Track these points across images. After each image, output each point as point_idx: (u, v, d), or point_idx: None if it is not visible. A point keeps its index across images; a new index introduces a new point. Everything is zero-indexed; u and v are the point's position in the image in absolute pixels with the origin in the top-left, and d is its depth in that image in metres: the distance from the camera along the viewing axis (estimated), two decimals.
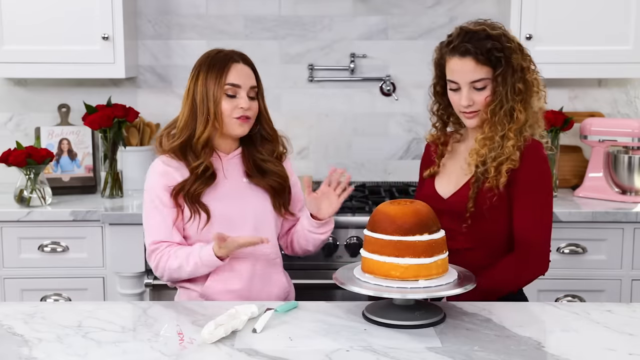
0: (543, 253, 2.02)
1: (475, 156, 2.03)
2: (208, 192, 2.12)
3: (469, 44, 1.99)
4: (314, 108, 3.39)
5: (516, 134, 1.99)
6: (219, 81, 2.11)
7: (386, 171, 3.44)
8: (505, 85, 1.98)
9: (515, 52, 2.00)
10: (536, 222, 2.01)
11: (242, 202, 2.16)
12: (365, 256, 1.81)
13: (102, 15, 3.02)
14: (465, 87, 2.02)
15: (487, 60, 1.98)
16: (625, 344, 1.67)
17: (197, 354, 1.61)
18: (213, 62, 2.14)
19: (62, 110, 3.29)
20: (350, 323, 1.79)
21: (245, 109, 2.11)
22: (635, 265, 2.86)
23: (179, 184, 2.11)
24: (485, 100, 2.01)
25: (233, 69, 2.12)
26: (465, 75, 2.01)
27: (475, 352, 1.62)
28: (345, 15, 3.35)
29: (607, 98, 3.39)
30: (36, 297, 2.86)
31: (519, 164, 1.99)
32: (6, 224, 2.85)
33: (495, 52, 1.98)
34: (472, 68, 1.99)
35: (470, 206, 2.01)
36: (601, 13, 3.02)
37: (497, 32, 2.00)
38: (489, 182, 1.99)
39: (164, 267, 2.10)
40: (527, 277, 2.04)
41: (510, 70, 1.99)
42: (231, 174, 2.18)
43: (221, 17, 3.34)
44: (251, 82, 2.15)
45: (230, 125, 2.13)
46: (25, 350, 1.63)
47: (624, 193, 3.04)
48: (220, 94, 2.10)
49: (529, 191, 2.00)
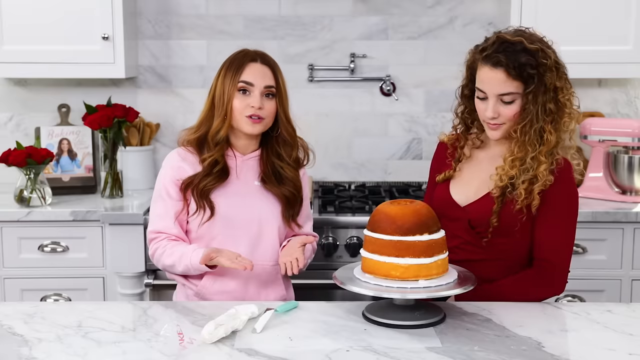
0: (563, 274, 1.97)
1: (505, 178, 1.94)
2: (218, 189, 2.12)
3: (502, 54, 1.89)
4: (314, 108, 3.39)
5: (547, 157, 1.92)
6: (233, 78, 2.12)
7: (386, 171, 3.44)
8: (536, 104, 1.90)
9: (551, 70, 1.90)
10: (561, 244, 1.96)
11: (249, 205, 2.14)
12: (365, 256, 1.81)
13: (102, 15, 3.02)
14: (492, 99, 1.94)
15: (519, 76, 1.89)
16: (625, 344, 1.67)
17: (197, 354, 1.61)
18: (233, 60, 2.16)
19: (62, 110, 3.29)
20: (350, 323, 1.79)
21: (257, 107, 2.10)
22: (635, 265, 2.86)
23: (189, 177, 2.12)
24: (513, 115, 1.94)
25: (248, 67, 2.13)
26: (494, 87, 1.92)
27: (475, 352, 1.62)
28: (345, 15, 3.35)
29: (607, 98, 3.39)
30: (36, 297, 2.86)
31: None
32: (6, 224, 2.85)
33: (529, 68, 1.88)
34: (503, 81, 1.90)
35: (494, 221, 1.95)
36: (601, 13, 3.02)
37: (534, 47, 1.89)
38: (519, 204, 1.92)
39: (159, 259, 2.13)
40: (543, 295, 1.98)
41: (543, 89, 1.89)
42: (244, 175, 2.17)
43: (221, 17, 3.34)
44: (266, 82, 2.13)
45: (241, 123, 2.12)
46: (25, 350, 1.63)
47: (624, 193, 3.04)
48: (233, 91, 2.11)
49: (557, 212, 1.95)
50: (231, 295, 2.12)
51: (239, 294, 2.13)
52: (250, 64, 2.14)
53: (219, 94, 2.13)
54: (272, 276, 2.17)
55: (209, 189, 2.11)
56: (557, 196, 1.94)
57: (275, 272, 2.17)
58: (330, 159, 3.41)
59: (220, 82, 2.14)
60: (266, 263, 2.15)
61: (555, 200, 1.94)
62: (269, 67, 2.17)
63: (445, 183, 2.11)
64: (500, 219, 1.95)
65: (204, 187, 2.10)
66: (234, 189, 2.15)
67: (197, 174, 2.12)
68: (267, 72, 2.15)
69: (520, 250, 2.00)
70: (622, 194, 3.04)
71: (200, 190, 2.10)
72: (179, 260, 2.08)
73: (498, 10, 3.27)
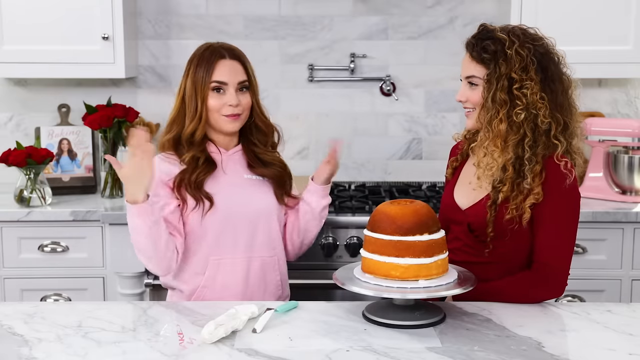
0: (563, 278, 1.96)
1: (488, 178, 1.95)
2: (210, 184, 2.11)
3: (473, 39, 1.98)
4: (314, 108, 3.39)
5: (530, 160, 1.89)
6: (205, 79, 2.10)
7: (386, 171, 3.44)
8: (490, 91, 1.92)
9: (510, 61, 1.90)
10: (561, 247, 1.94)
11: (244, 196, 2.15)
12: (365, 256, 1.81)
13: (102, 15, 3.02)
14: (463, 82, 2.01)
15: (480, 59, 1.95)
16: (625, 344, 1.67)
17: (197, 354, 1.61)
18: (201, 58, 2.13)
19: (62, 110, 3.29)
20: (350, 323, 1.79)
21: (234, 105, 2.10)
22: (635, 265, 2.86)
23: (178, 175, 2.10)
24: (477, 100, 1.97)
25: (219, 65, 2.11)
26: (463, 70, 2.01)
27: (475, 352, 1.62)
28: (345, 15, 3.35)
29: (607, 98, 3.40)
30: (36, 297, 2.86)
31: (548, 184, 1.90)
32: (6, 224, 2.85)
33: (487, 53, 1.93)
34: (468, 62, 1.99)
35: (489, 231, 1.94)
36: (601, 13, 3.02)
37: (502, 36, 1.92)
38: (509, 214, 1.91)
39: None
40: (542, 297, 1.97)
41: (496, 76, 1.92)
42: (232, 169, 2.17)
43: (221, 17, 3.34)
44: (239, 77, 2.12)
45: (219, 122, 2.12)
46: (25, 350, 1.63)
47: (624, 193, 3.04)
48: (207, 91, 2.10)
49: (557, 216, 1.93)
50: (232, 292, 2.12)
51: (240, 289, 2.12)
52: (220, 61, 2.11)
53: (190, 93, 2.11)
54: (270, 266, 2.18)
55: (202, 179, 2.10)
56: (557, 198, 1.92)
57: (272, 264, 2.19)
58: None
59: (190, 82, 2.11)
60: (264, 255, 2.16)
61: (555, 203, 1.92)
62: (239, 60, 2.15)
63: (450, 186, 2.12)
64: (495, 228, 1.94)
65: (196, 179, 2.09)
66: (226, 183, 2.14)
67: (185, 170, 2.10)
68: (238, 67, 2.14)
69: (521, 253, 1.99)
70: (622, 194, 3.04)
71: (193, 183, 2.08)
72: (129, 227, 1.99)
73: (498, 10, 3.27)
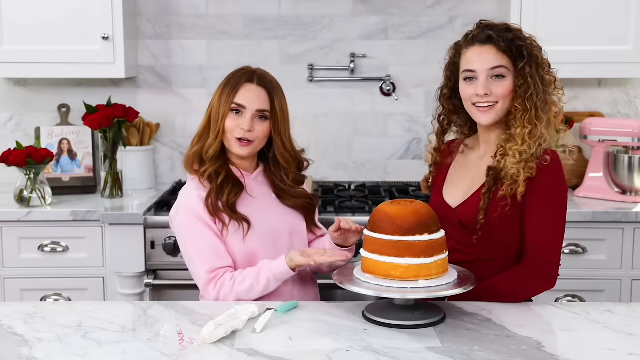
0: (554, 267, 1.96)
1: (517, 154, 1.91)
2: (241, 207, 2.09)
3: (491, 32, 1.96)
4: (314, 108, 3.39)
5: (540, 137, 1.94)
6: (228, 98, 2.10)
7: (386, 171, 3.44)
8: (534, 76, 1.93)
9: (536, 48, 1.96)
10: (550, 238, 1.95)
11: (277, 216, 2.14)
12: (365, 256, 1.81)
13: (102, 15, 3.02)
14: (483, 75, 1.95)
15: (509, 49, 1.94)
16: (625, 344, 1.67)
17: (197, 354, 1.61)
18: (231, 78, 2.13)
19: (62, 110, 3.29)
20: (350, 323, 1.79)
21: (246, 130, 2.08)
22: (635, 265, 2.86)
23: (206, 200, 2.05)
24: (505, 92, 1.95)
25: (243, 88, 2.10)
26: (485, 62, 1.95)
27: (475, 352, 1.62)
28: (345, 15, 3.35)
29: (607, 98, 3.40)
30: (36, 297, 2.86)
31: (536, 173, 1.92)
32: (6, 224, 2.85)
33: (518, 41, 1.94)
34: (494, 54, 1.94)
35: (480, 218, 1.95)
36: (601, 13, 3.02)
37: (517, 27, 1.99)
38: (503, 190, 1.92)
39: (228, 293, 2.01)
40: (536, 289, 1.98)
41: (535, 61, 1.94)
42: (258, 192, 2.16)
43: (221, 17, 3.34)
44: (259, 105, 2.09)
45: (230, 143, 2.11)
46: (25, 350, 1.63)
47: (624, 193, 3.04)
48: (227, 110, 2.09)
49: (545, 206, 1.94)
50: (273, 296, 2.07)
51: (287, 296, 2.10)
52: (246, 84, 2.10)
53: (215, 111, 2.11)
54: (308, 276, 2.19)
55: (233, 201, 2.07)
56: (544, 189, 1.93)
57: (307, 273, 2.19)
58: (330, 159, 3.41)
59: (217, 99, 2.12)
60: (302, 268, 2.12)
61: (542, 194, 1.93)
62: (266, 89, 2.12)
63: (438, 188, 2.13)
64: (487, 215, 1.94)
65: (227, 201, 2.06)
66: (256, 206, 2.13)
67: (209, 192, 2.07)
68: (262, 95, 2.11)
69: (512, 248, 1.99)
70: (622, 194, 3.04)
71: (226, 205, 2.06)
72: (257, 280, 2.00)
73: (498, 11, 3.27)
